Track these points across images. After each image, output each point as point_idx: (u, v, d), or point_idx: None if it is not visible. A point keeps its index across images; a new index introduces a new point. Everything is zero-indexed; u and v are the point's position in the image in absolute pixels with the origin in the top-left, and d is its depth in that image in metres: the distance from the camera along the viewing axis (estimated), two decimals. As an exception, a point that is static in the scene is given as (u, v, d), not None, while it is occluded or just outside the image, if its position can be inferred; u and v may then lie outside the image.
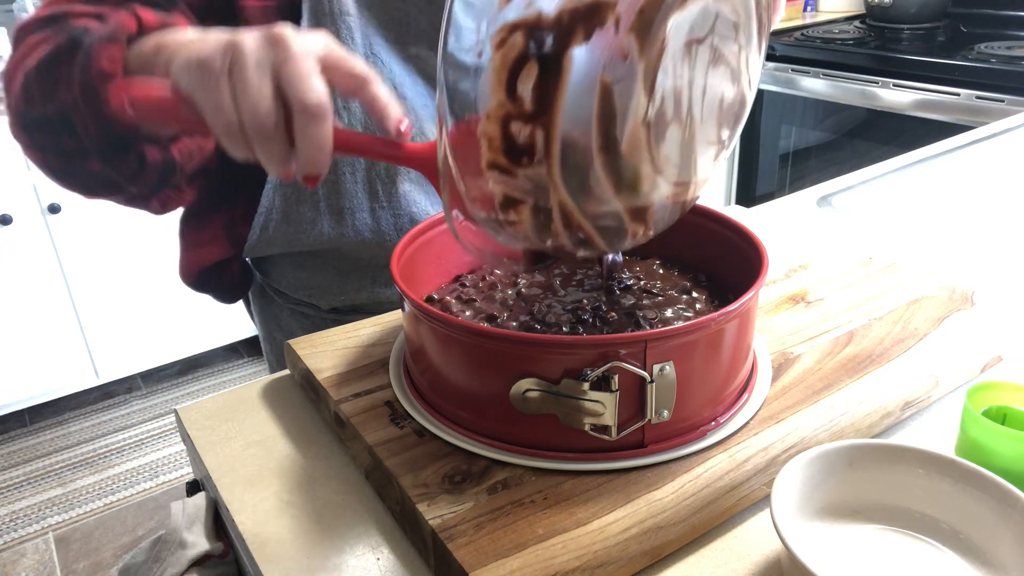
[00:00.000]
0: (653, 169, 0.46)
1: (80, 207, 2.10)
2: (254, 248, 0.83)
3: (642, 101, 0.43)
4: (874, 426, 0.56)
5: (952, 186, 1.06)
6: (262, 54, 0.46)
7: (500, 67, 0.42)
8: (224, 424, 0.62)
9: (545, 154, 0.44)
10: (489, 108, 0.43)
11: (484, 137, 0.44)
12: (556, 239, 0.49)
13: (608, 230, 0.49)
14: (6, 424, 2.32)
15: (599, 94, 0.42)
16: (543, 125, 0.43)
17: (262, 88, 0.45)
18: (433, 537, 0.45)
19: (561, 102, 0.42)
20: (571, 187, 0.45)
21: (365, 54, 0.75)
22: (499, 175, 0.45)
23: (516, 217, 0.47)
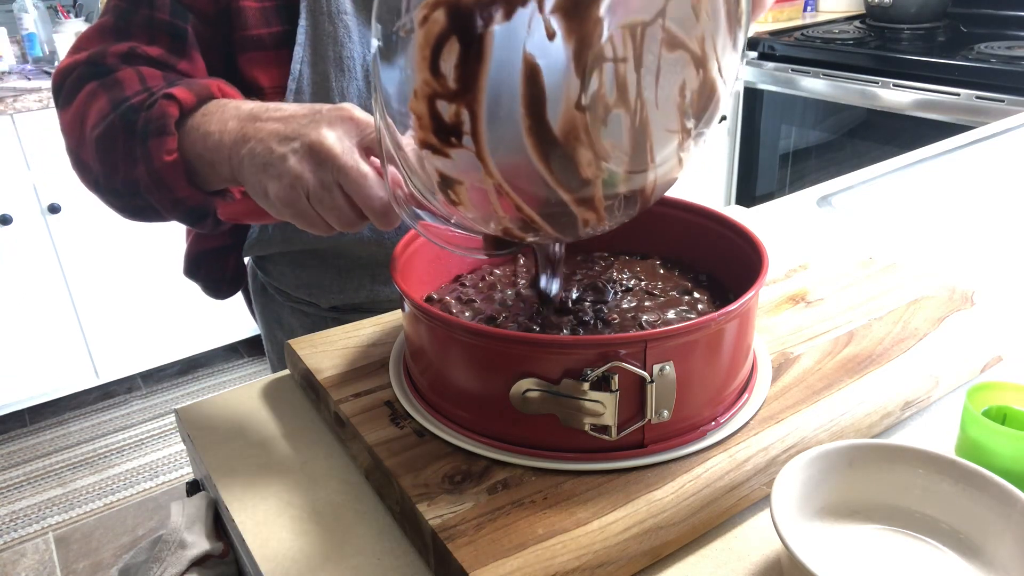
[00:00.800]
0: (596, 155, 0.45)
1: (80, 207, 2.10)
2: (254, 247, 0.83)
3: (574, 83, 0.42)
4: (874, 426, 0.56)
5: (952, 186, 1.06)
6: (322, 176, 0.53)
7: (423, 44, 0.42)
8: (224, 424, 0.62)
9: (472, 134, 0.43)
10: (416, 85, 0.43)
11: (414, 115, 0.44)
12: (499, 222, 0.48)
13: (553, 215, 0.48)
14: (6, 424, 2.32)
15: (524, 74, 0.41)
16: (468, 104, 0.42)
17: (336, 203, 0.54)
18: (433, 537, 0.45)
19: (484, 80, 0.41)
20: (504, 168, 0.44)
21: (363, 52, 0.75)
22: (431, 155, 0.45)
23: (456, 198, 0.47)
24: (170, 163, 0.60)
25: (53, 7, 2.39)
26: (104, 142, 0.64)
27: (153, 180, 0.62)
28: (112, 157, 0.64)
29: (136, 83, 0.66)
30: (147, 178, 0.62)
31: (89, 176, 0.68)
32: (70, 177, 0.72)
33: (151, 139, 0.61)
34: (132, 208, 0.68)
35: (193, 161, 0.61)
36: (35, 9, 2.35)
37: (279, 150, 0.54)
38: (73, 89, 0.69)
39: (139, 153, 0.62)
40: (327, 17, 0.73)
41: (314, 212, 0.55)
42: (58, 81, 0.71)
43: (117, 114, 0.64)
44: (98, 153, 0.65)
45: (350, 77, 0.75)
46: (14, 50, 2.38)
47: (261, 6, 0.73)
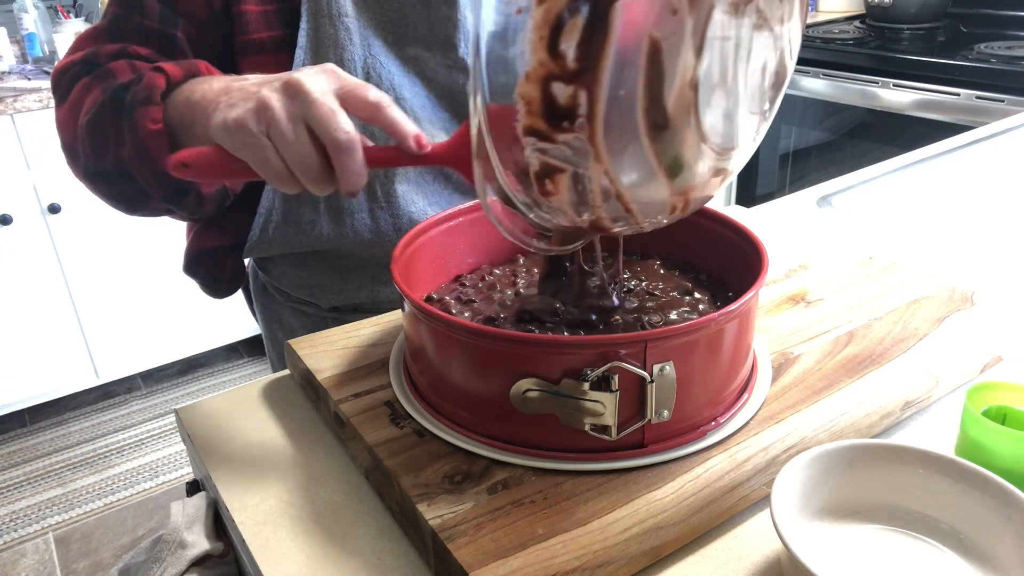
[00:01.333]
0: (698, 137, 0.43)
1: (80, 207, 2.10)
2: (254, 248, 0.83)
3: (690, 61, 0.40)
4: (874, 426, 0.56)
5: (952, 186, 1.06)
6: (290, 108, 0.51)
7: (542, 22, 0.40)
8: (224, 424, 0.62)
9: (588, 117, 0.41)
10: (529, 67, 0.41)
11: (522, 100, 0.42)
12: (594, 212, 0.46)
13: (648, 202, 0.46)
14: (6, 424, 2.32)
15: (647, 52, 0.40)
16: (587, 85, 0.40)
17: (299, 138, 0.51)
18: (433, 537, 0.45)
19: (607, 60, 0.40)
20: (613, 154, 0.43)
21: (363, 55, 0.75)
22: (537, 141, 0.43)
23: (553, 188, 0.45)
24: (154, 131, 0.60)
25: (53, 7, 2.39)
26: (94, 124, 0.65)
27: (137, 152, 0.61)
28: (102, 138, 0.64)
29: (128, 72, 0.67)
30: (132, 151, 0.62)
31: (80, 164, 0.69)
32: (70, 177, 0.73)
33: (137, 109, 0.61)
34: (122, 196, 0.68)
35: (176, 129, 0.61)
36: (35, 9, 2.35)
37: (254, 89, 0.53)
38: (68, 86, 0.70)
39: (126, 127, 0.62)
40: (328, 20, 0.73)
41: (273, 148, 0.51)
42: (55, 80, 0.72)
43: (107, 95, 0.64)
44: (88, 136, 0.66)
45: None
46: (14, 50, 2.39)
47: (262, 10, 0.73)
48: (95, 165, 0.67)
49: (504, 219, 0.53)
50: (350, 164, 0.51)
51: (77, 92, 0.69)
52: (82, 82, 0.69)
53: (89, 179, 0.69)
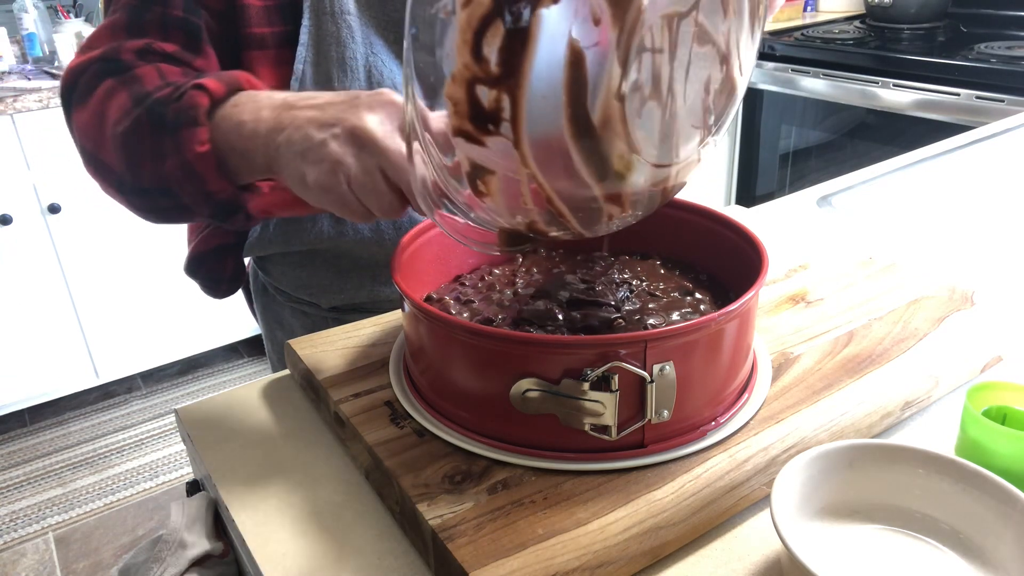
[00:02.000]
0: (628, 148, 0.44)
1: (80, 207, 2.10)
2: (254, 247, 0.83)
3: (615, 71, 0.41)
4: (874, 426, 0.56)
5: (952, 186, 1.06)
6: (365, 161, 0.53)
7: (466, 26, 0.40)
8: (224, 424, 0.62)
9: (512, 121, 0.42)
10: (455, 69, 0.42)
11: (449, 101, 0.43)
12: (527, 215, 0.47)
13: (581, 209, 0.47)
14: (6, 424, 2.32)
15: (568, 60, 0.40)
16: (509, 90, 0.41)
17: (378, 187, 0.53)
18: (433, 537, 0.45)
19: (528, 66, 0.40)
20: (539, 159, 0.43)
21: (365, 53, 0.75)
22: (465, 143, 0.44)
23: (485, 189, 0.46)
24: (202, 154, 0.59)
25: (53, 7, 2.39)
26: (130, 138, 0.62)
27: (184, 172, 0.60)
28: (138, 154, 0.62)
29: (156, 78, 0.64)
30: (178, 171, 0.60)
31: (110, 177, 0.66)
32: (70, 177, 0.72)
33: (182, 130, 0.59)
34: (157, 209, 0.65)
35: (225, 152, 0.59)
36: (35, 9, 2.35)
37: (318, 136, 0.53)
38: (89, 87, 0.66)
39: (169, 146, 0.60)
40: (330, 17, 0.73)
41: (355, 198, 0.54)
42: (71, 80, 0.68)
43: (143, 109, 0.61)
44: (123, 151, 0.63)
45: (353, 77, 0.75)
46: (14, 50, 2.39)
47: (264, 5, 0.72)
48: (132, 181, 0.64)
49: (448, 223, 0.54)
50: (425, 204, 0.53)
51: (100, 96, 0.65)
52: (105, 85, 0.65)
53: (122, 193, 0.66)
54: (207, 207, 0.62)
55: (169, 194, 0.62)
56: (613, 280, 0.63)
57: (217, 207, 0.62)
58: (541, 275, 0.66)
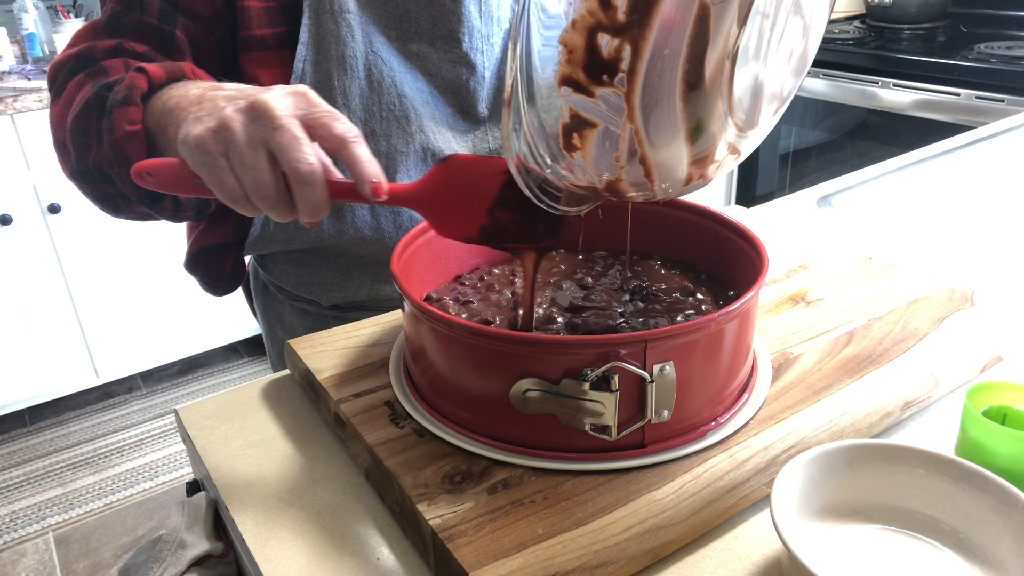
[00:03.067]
0: (727, 108, 0.43)
1: (80, 207, 2.10)
2: (255, 245, 0.83)
3: (733, 30, 0.40)
4: (874, 426, 0.56)
5: (952, 186, 1.06)
6: (252, 131, 0.49)
7: None
8: (224, 424, 0.62)
9: (629, 73, 0.41)
10: (577, 14, 0.40)
11: (564, 47, 0.41)
12: (615, 172, 0.46)
13: (667, 170, 0.46)
14: (6, 424, 2.32)
15: (696, 14, 0.39)
16: (633, 40, 0.40)
17: (258, 164, 0.49)
18: (433, 537, 0.45)
19: (657, 16, 0.39)
20: (646, 113, 0.42)
21: (365, 51, 0.75)
22: (572, 92, 0.43)
23: (580, 143, 0.45)
24: (130, 132, 0.59)
25: (53, 7, 2.39)
26: (79, 122, 0.64)
27: (114, 152, 0.60)
28: (85, 137, 0.64)
29: (121, 70, 0.66)
30: (109, 151, 0.61)
31: (68, 161, 0.68)
32: (69, 177, 0.73)
33: (116, 109, 0.60)
34: (103, 197, 0.67)
35: (153, 133, 0.60)
36: (35, 9, 2.35)
37: (221, 104, 0.51)
38: (64, 82, 0.69)
39: (104, 126, 0.61)
40: (330, 16, 0.73)
41: (230, 171, 0.50)
42: (51, 76, 0.71)
43: (93, 92, 0.63)
44: (73, 134, 0.65)
45: (352, 76, 0.75)
46: (14, 50, 2.39)
47: (265, 6, 0.73)
48: (78, 164, 0.66)
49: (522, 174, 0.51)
50: (310, 196, 0.50)
51: (70, 89, 0.68)
52: (76, 79, 0.68)
53: (74, 178, 0.68)
54: (135, 191, 0.62)
55: (107, 179, 0.63)
56: (616, 286, 0.63)
57: (143, 192, 0.62)
58: (541, 274, 0.66)
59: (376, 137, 0.77)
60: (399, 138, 0.78)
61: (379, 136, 0.77)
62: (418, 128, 0.78)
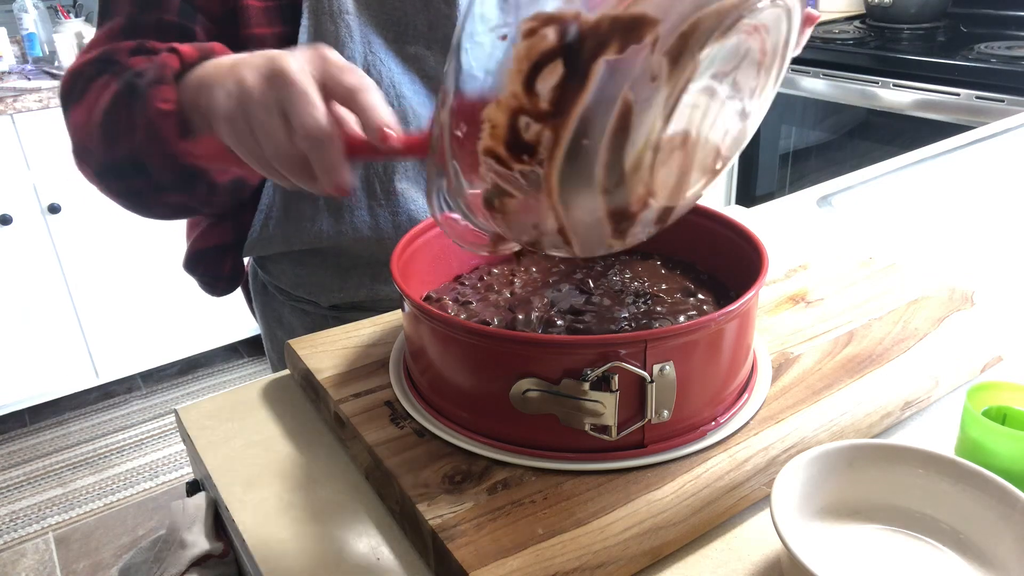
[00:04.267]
0: (647, 192, 0.45)
1: (80, 207, 2.10)
2: (255, 246, 0.83)
3: (657, 125, 0.41)
4: (874, 426, 0.56)
5: (952, 186, 1.06)
6: (267, 94, 0.48)
7: (524, 57, 0.40)
8: (224, 424, 0.62)
9: (548, 157, 0.42)
10: (501, 95, 0.41)
11: (488, 122, 0.42)
12: (534, 236, 0.47)
13: (588, 239, 0.47)
14: (6, 424, 2.32)
15: (618, 111, 0.40)
16: (553, 128, 0.41)
17: (272, 127, 0.48)
18: (433, 537, 0.45)
19: (579, 109, 0.40)
20: (565, 193, 0.43)
21: (364, 52, 0.75)
22: (494, 164, 0.44)
23: (500, 208, 0.46)
24: (165, 111, 0.57)
25: (53, 7, 2.39)
26: (109, 115, 0.62)
27: (148, 134, 0.58)
28: (115, 128, 0.62)
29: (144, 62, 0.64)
30: (143, 135, 0.59)
31: (91, 163, 0.66)
32: (70, 177, 0.73)
33: (149, 90, 0.58)
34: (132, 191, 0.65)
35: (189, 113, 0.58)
36: (35, 9, 2.35)
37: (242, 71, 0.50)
38: (86, 87, 0.67)
39: (138, 111, 0.59)
40: (329, 17, 0.73)
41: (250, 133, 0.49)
42: (69, 82, 0.69)
43: (121, 83, 0.61)
44: (102, 129, 0.63)
45: None
46: (14, 50, 2.39)
47: (264, 5, 0.73)
48: (107, 157, 0.64)
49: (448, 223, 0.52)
50: (321, 157, 0.48)
51: (95, 92, 0.66)
52: (101, 80, 0.66)
53: (100, 177, 0.66)
54: (170, 174, 0.60)
55: (140, 168, 0.61)
56: (617, 289, 0.63)
57: (179, 173, 0.60)
58: (540, 275, 0.66)
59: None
60: None
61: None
62: (416, 129, 0.78)
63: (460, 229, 0.53)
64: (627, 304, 0.60)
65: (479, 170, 0.45)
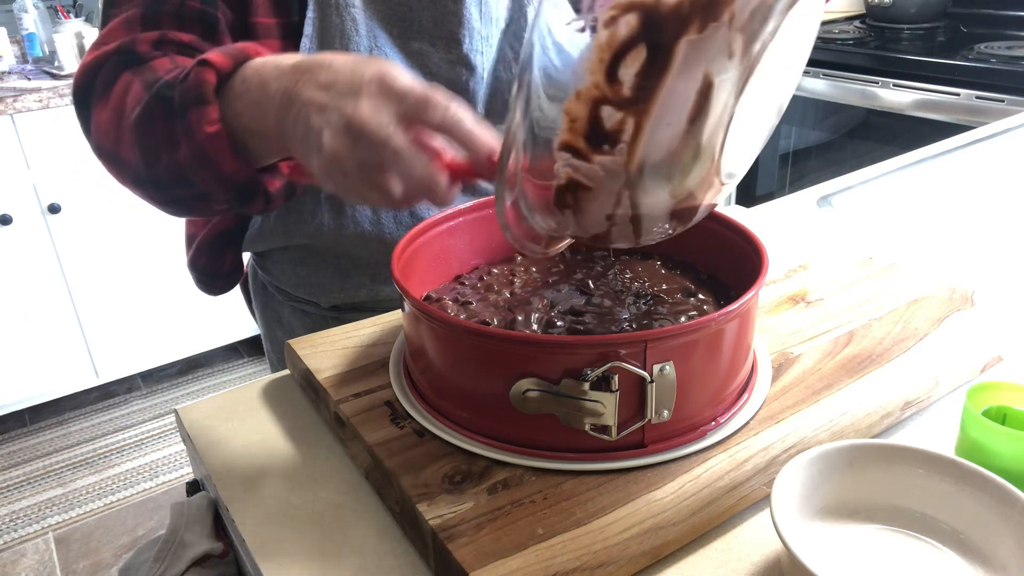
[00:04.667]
0: (714, 171, 0.44)
1: (80, 207, 2.10)
2: (255, 240, 0.83)
3: (731, 103, 0.41)
4: (874, 426, 0.56)
5: (952, 186, 1.06)
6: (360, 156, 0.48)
7: (605, 46, 0.39)
8: (224, 424, 0.62)
9: (630, 144, 0.41)
10: (582, 86, 0.41)
11: (567, 116, 0.42)
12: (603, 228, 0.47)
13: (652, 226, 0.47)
14: (6, 424, 2.32)
15: (699, 89, 0.40)
16: (636, 114, 0.40)
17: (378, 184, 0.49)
18: (433, 537, 0.45)
19: (662, 93, 0.40)
20: (643, 181, 0.43)
21: (370, 47, 0.75)
22: (571, 158, 0.43)
23: (572, 203, 0.45)
24: (213, 134, 0.56)
25: (53, 7, 2.39)
26: (141, 127, 0.60)
27: (196, 156, 0.57)
28: (152, 142, 0.60)
29: (168, 64, 0.62)
30: (190, 156, 0.57)
31: (127, 171, 0.63)
32: (70, 177, 0.72)
33: (190, 111, 0.56)
34: (176, 200, 0.63)
35: (238, 133, 0.57)
36: (35, 9, 2.35)
37: (316, 123, 0.50)
38: (108, 82, 0.64)
39: (179, 130, 0.57)
40: (335, 10, 0.73)
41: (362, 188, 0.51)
42: (87, 77, 0.65)
43: (151, 94, 0.59)
44: (137, 141, 0.61)
45: None
46: (14, 50, 2.39)
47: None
48: (148, 173, 0.62)
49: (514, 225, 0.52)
50: (435, 197, 0.50)
51: (119, 91, 0.63)
52: (123, 78, 0.63)
53: (140, 187, 0.64)
54: (224, 191, 0.59)
55: (186, 183, 0.60)
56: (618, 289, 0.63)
57: (235, 191, 0.59)
58: (540, 274, 0.66)
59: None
60: None
61: None
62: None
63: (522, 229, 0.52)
64: (627, 304, 0.60)
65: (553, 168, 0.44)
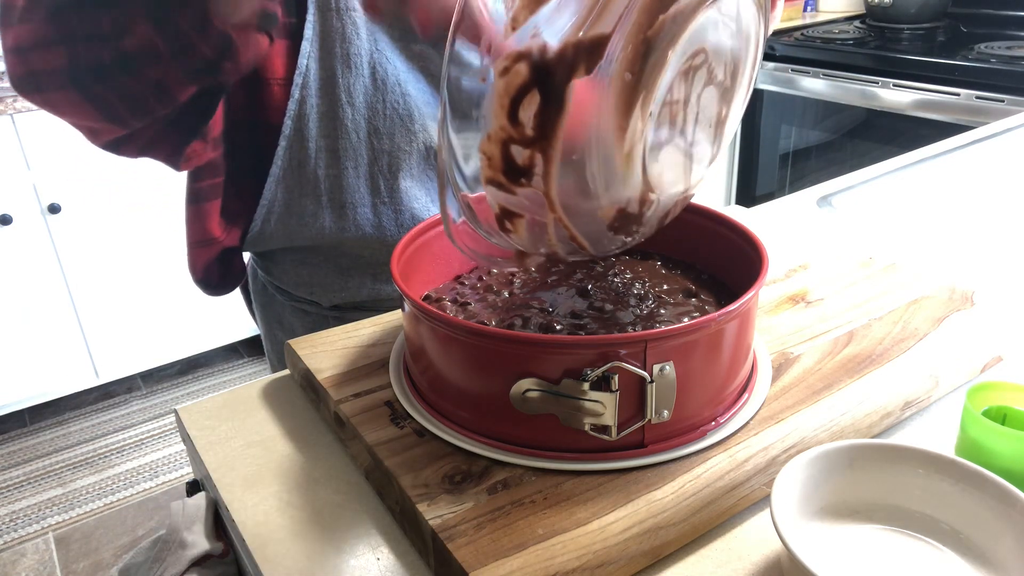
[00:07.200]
0: (647, 187, 0.48)
1: (80, 207, 2.10)
2: (256, 241, 0.83)
3: (638, 127, 0.44)
4: (874, 426, 0.56)
5: (952, 186, 1.06)
6: None
7: (503, 93, 0.44)
8: (224, 424, 0.62)
9: (543, 176, 0.45)
10: (490, 130, 0.45)
11: (484, 155, 0.46)
12: (549, 247, 0.51)
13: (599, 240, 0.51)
14: (6, 424, 2.32)
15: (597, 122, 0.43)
16: (542, 150, 0.45)
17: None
18: (433, 537, 0.45)
19: (561, 129, 0.44)
20: (566, 205, 0.47)
21: (370, 49, 0.75)
22: (497, 191, 0.47)
23: (512, 227, 0.50)
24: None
25: (53, 7, 2.38)
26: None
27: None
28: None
29: None
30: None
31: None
32: (70, 177, 0.72)
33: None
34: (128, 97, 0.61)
35: None
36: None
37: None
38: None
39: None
40: (335, 13, 0.73)
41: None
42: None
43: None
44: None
45: (357, 74, 0.75)
46: (14, 50, 2.38)
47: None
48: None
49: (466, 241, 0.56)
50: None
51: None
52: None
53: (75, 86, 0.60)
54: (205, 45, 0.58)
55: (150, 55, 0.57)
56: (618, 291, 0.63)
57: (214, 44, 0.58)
58: (540, 275, 0.66)
59: (380, 135, 0.77)
60: (402, 137, 0.78)
61: (383, 134, 0.77)
62: (421, 127, 0.78)
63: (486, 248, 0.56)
64: (628, 305, 0.60)
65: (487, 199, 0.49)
